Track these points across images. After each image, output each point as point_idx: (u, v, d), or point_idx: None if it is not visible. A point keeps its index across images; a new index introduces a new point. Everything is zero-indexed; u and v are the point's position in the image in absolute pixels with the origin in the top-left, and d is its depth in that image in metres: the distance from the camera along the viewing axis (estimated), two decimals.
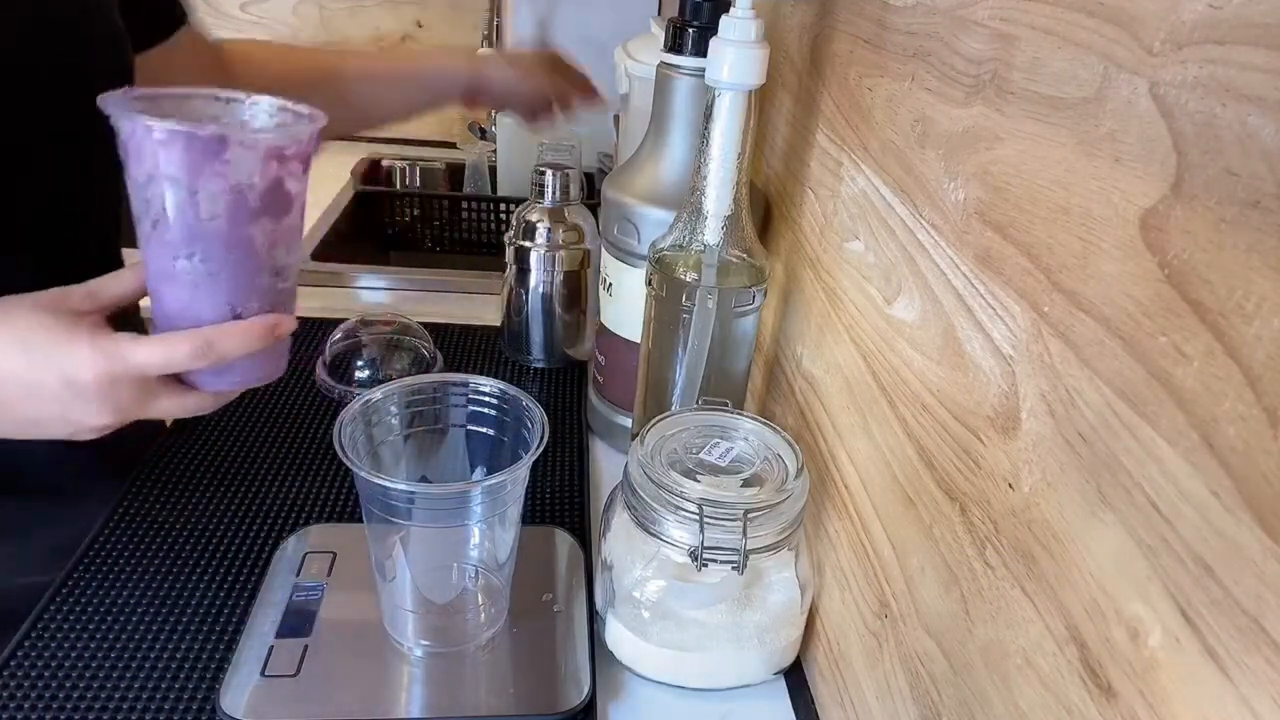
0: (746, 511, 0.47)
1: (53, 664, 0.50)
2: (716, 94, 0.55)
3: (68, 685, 0.49)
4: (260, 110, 0.49)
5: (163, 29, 0.70)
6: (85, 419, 0.46)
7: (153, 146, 0.42)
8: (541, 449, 0.48)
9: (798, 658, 0.57)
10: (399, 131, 1.54)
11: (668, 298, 0.60)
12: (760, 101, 0.75)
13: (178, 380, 0.48)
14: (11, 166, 0.55)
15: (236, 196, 0.44)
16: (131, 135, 0.43)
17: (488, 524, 0.50)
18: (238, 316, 0.47)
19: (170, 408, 0.49)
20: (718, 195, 0.56)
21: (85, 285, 0.48)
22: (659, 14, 1.32)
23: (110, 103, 0.43)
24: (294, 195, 0.47)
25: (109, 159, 0.45)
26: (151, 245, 0.45)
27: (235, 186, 0.43)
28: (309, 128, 0.46)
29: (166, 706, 0.49)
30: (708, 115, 0.55)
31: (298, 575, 0.56)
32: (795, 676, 0.57)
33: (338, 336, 0.81)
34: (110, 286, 0.49)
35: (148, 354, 0.45)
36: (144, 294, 0.49)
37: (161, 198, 0.43)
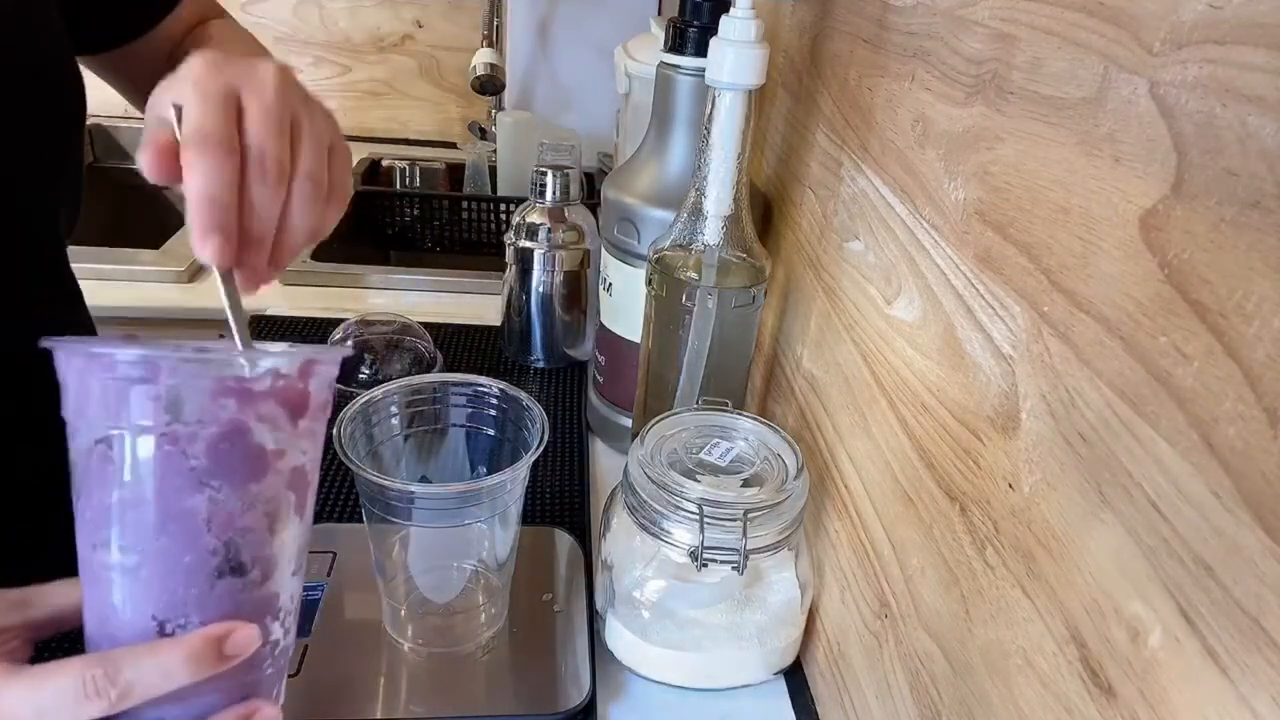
0: (746, 511, 0.47)
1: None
2: (716, 94, 0.55)
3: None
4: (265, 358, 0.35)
5: (155, 14, 0.68)
6: None
7: (72, 377, 0.31)
8: (542, 449, 0.48)
9: (798, 658, 0.57)
10: (399, 131, 1.55)
11: (668, 298, 0.60)
12: (760, 101, 0.75)
13: None
14: None
15: (168, 449, 0.31)
16: (58, 367, 0.32)
17: (488, 524, 0.50)
18: (165, 633, 0.32)
19: None
20: (718, 195, 0.57)
21: (21, 591, 0.36)
22: (659, 14, 1.32)
23: (53, 342, 0.32)
24: (269, 454, 0.32)
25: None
26: (76, 522, 0.33)
27: (168, 435, 0.31)
28: (295, 359, 0.33)
29: None
30: (708, 115, 0.55)
31: None
32: (795, 676, 0.57)
33: (338, 336, 0.81)
34: (48, 597, 0.36)
35: (16, 701, 0.30)
36: None
37: (80, 452, 0.32)
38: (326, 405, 0.35)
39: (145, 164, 0.36)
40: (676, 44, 0.64)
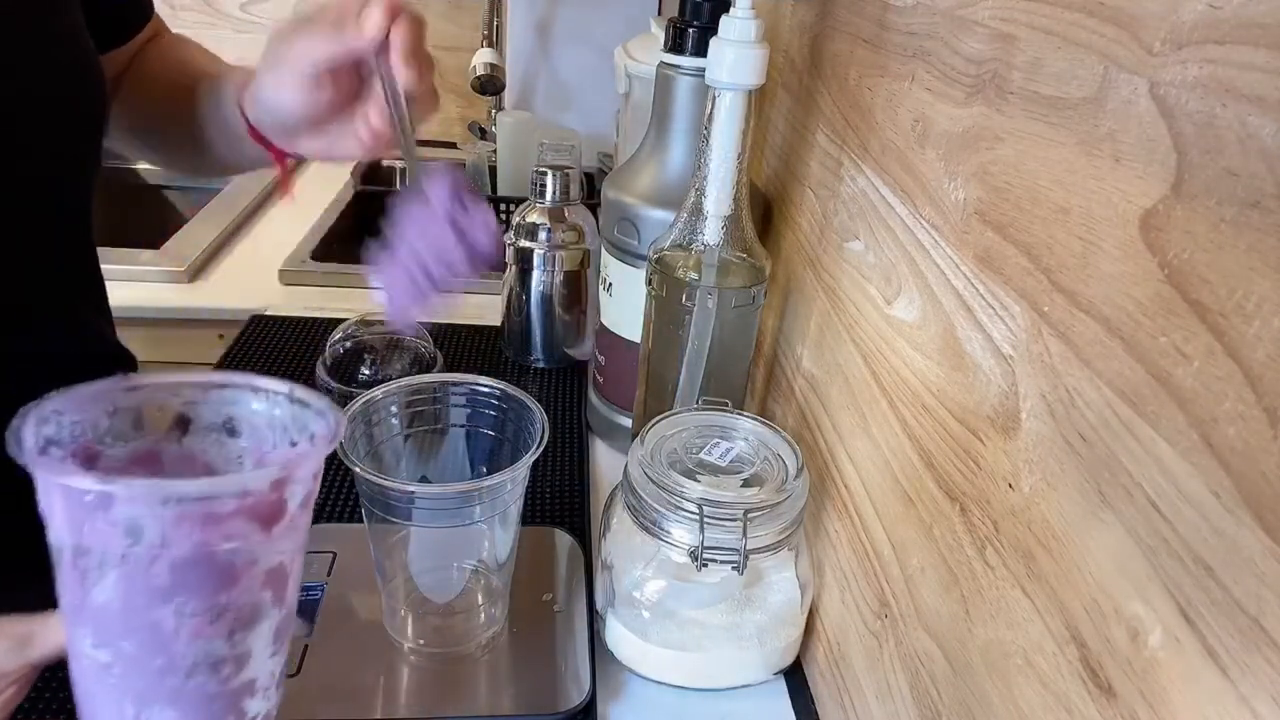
0: (746, 511, 0.47)
1: (54, 663, 0.50)
2: (716, 94, 0.55)
3: (68, 685, 0.49)
4: (275, 406, 0.36)
5: (132, 26, 0.68)
6: None
7: (39, 480, 0.31)
8: (542, 449, 0.48)
9: (798, 658, 0.57)
10: None
11: (668, 298, 0.60)
12: (760, 101, 0.75)
13: None
14: None
15: (129, 569, 0.31)
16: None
17: (488, 524, 0.50)
18: None
19: None
20: (718, 195, 0.57)
21: (27, 626, 0.37)
22: (659, 14, 1.32)
23: (27, 424, 0.31)
24: (239, 566, 0.32)
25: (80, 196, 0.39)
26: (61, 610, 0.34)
27: (128, 556, 0.31)
28: (267, 475, 0.32)
29: None
30: (708, 115, 0.55)
31: None
32: (795, 676, 0.57)
33: (338, 336, 0.81)
34: (51, 635, 0.37)
35: None
36: None
37: (52, 548, 0.32)
38: (310, 496, 0.34)
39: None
40: (676, 44, 0.64)
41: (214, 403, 0.36)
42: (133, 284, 0.98)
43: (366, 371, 0.79)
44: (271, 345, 0.87)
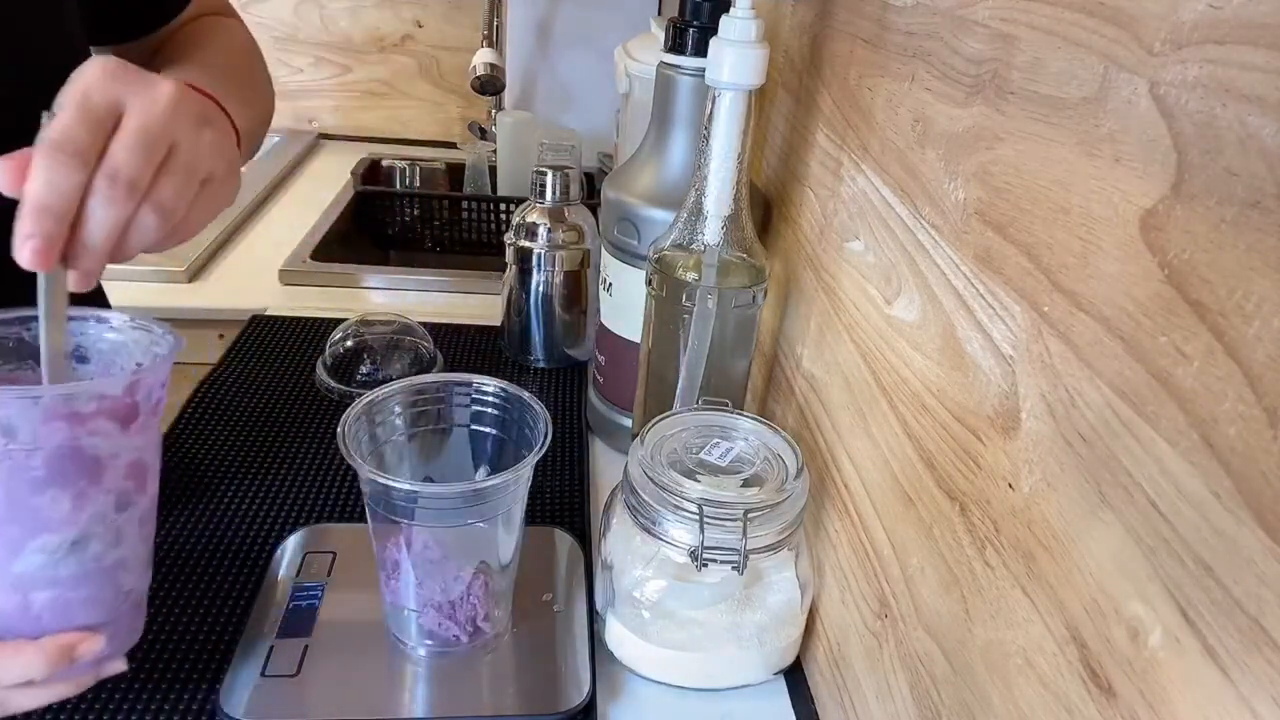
0: (746, 511, 0.47)
1: None
2: (716, 94, 0.55)
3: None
4: (108, 331, 0.42)
5: (169, 10, 0.67)
6: None
7: None
8: (545, 449, 0.48)
9: (798, 658, 0.57)
10: (399, 131, 1.55)
11: (668, 298, 0.60)
12: (760, 101, 0.75)
13: None
14: None
15: (10, 464, 0.36)
16: None
17: (490, 525, 0.50)
18: (26, 601, 0.39)
19: None
20: (718, 195, 0.57)
21: None
22: (659, 14, 1.32)
23: None
24: (104, 459, 0.38)
25: None
26: None
27: (7, 453, 0.36)
28: (119, 380, 0.38)
29: (167, 707, 0.49)
30: (708, 115, 0.55)
31: (298, 575, 0.56)
32: (795, 676, 0.57)
33: (338, 336, 0.81)
34: None
35: None
36: None
37: None
38: (160, 402, 0.40)
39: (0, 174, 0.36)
40: (676, 44, 0.64)
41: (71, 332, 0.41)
42: (132, 284, 0.98)
43: (366, 371, 0.79)
44: (271, 345, 0.87)
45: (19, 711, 0.40)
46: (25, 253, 0.36)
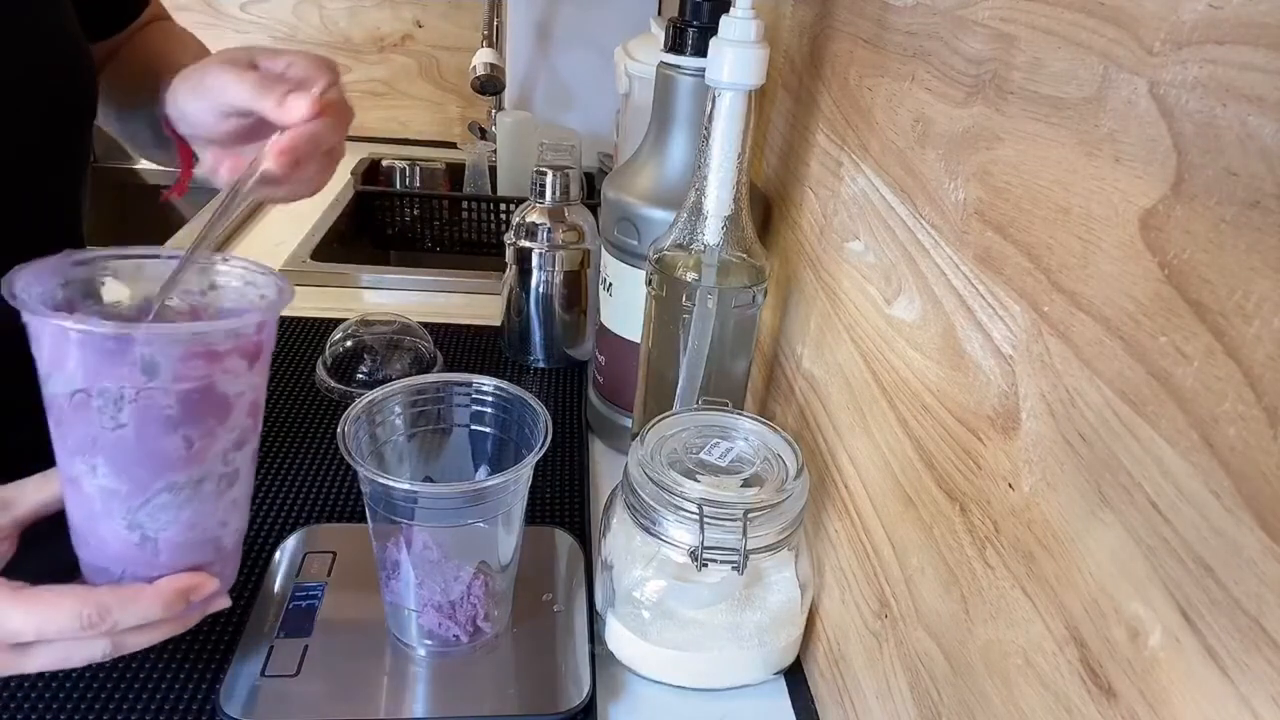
0: (746, 511, 0.47)
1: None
2: (716, 94, 0.55)
3: (68, 685, 0.49)
4: (231, 277, 0.43)
5: (129, 14, 0.68)
6: None
7: (47, 338, 0.36)
8: (545, 449, 0.48)
9: (798, 658, 0.57)
10: (399, 131, 1.55)
11: (668, 298, 0.60)
12: (760, 101, 0.75)
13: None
14: None
15: (146, 404, 0.36)
16: (30, 323, 0.37)
17: (490, 524, 0.50)
18: (145, 540, 0.40)
19: (48, 660, 0.40)
20: (718, 195, 0.57)
21: (2, 490, 0.42)
22: (659, 14, 1.32)
23: (16, 283, 0.36)
24: (233, 398, 0.39)
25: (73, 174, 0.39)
26: (56, 444, 0.39)
27: (145, 392, 0.36)
28: (253, 319, 0.39)
29: (166, 707, 0.49)
30: (708, 115, 0.55)
31: (298, 575, 0.56)
32: (795, 676, 0.57)
33: (338, 336, 0.81)
34: (30, 495, 0.42)
35: (21, 622, 0.38)
36: None
37: (59, 396, 0.37)
38: (272, 341, 0.42)
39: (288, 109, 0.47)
40: (676, 44, 0.64)
41: (196, 275, 0.44)
42: None
43: (366, 371, 0.79)
44: None
45: (133, 651, 0.42)
46: (301, 105, 0.46)
